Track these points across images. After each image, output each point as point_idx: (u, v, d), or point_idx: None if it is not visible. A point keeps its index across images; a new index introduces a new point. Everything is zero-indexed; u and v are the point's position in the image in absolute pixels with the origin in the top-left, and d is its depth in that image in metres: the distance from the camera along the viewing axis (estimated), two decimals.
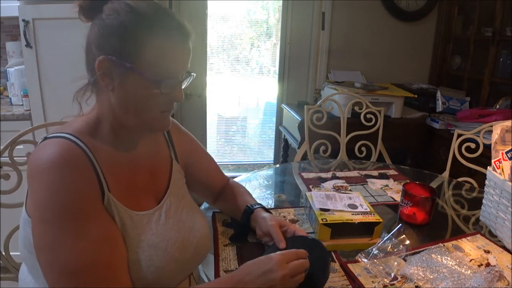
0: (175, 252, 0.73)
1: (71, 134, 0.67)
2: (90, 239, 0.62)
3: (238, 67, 3.18)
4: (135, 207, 0.72)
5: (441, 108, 2.45)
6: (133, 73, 0.66)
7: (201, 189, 1.03)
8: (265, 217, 0.91)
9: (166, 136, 0.90)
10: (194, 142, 1.00)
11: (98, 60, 0.66)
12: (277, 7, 2.84)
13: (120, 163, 0.74)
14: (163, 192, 0.82)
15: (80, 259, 0.61)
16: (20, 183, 1.09)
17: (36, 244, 0.62)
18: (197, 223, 0.83)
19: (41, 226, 0.61)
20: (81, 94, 0.72)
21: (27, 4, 1.72)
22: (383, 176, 1.44)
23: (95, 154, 0.68)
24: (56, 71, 1.77)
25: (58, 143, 0.65)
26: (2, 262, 1.06)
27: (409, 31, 2.74)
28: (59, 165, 0.62)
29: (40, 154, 0.64)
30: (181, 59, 0.70)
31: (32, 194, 0.64)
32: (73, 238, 0.61)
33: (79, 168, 0.64)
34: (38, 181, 0.62)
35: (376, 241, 0.91)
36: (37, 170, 0.63)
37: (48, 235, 0.61)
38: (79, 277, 0.60)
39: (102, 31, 0.66)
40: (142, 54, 0.65)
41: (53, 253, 0.60)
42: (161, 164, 0.86)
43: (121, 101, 0.69)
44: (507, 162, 1.01)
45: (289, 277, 0.68)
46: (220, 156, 3.34)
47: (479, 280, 0.78)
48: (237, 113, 3.55)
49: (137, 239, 0.70)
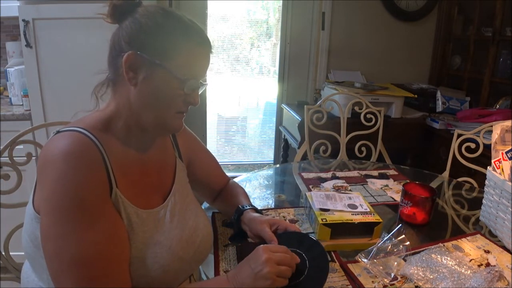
0: (179, 251, 0.74)
1: (83, 128, 0.69)
2: (100, 232, 0.63)
3: (238, 67, 3.18)
4: (142, 205, 0.73)
5: (441, 108, 2.45)
6: (161, 70, 0.69)
7: (201, 188, 1.03)
8: (254, 218, 0.89)
9: (170, 134, 0.91)
10: (196, 141, 1.01)
11: (128, 54, 0.68)
12: (277, 7, 2.84)
13: (129, 160, 0.75)
14: (168, 190, 0.83)
15: (89, 250, 0.61)
16: (20, 183, 1.09)
17: (44, 233, 0.63)
18: (200, 222, 0.84)
19: (51, 215, 0.62)
20: (99, 89, 0.75)
21: (27, 4, 1.72)
22: (383, 176, 1.44)
23: (106, 149, 0.69)
24: (56, 71, 1.77)
25: (71, 136, 0.67)
26: (2, 262, 1.06)
27: (409, 31, 2.74)
28: (71, 156, 0.63)
29: (52, 146, 0.65)
30: (204, 66, 0.75)
31: (42, 184, 0.64)
32: (84, 229, 0.62)
33: (91, 161, 0.66)
34: (50, 171, 0.63)
35: (376, 241, 0.91)
36: (49, 160, 0.64)
37: (57, 223, 0.61)
38: (87, 268, 0.61)
39: (136, 28, 0.70)
40: (173, 54, 0.69)
41: (62, 241, 0.61)
42: (167, 162, 0.87)
43: (142, 97, 0.71)
44: (507, 162, 1.01)
45: (273, 262, 0.69)
46: (220, 156, 3.34)
47: (479, 280, 0.78)
48: (237, 113, 3.55)
49: (143, 236, 0.70)
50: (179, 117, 0.76)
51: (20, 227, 1.07)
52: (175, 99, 0.72)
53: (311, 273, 0.74)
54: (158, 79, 0.70)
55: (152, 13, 0.71)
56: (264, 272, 0.67)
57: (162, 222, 0.76)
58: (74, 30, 1.75)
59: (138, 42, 0.69)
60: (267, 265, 0.67)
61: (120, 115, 0.73)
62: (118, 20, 0.72)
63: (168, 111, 0.73)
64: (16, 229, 1.08)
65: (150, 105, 0.71)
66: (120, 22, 0.72)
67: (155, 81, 0.70)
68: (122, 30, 0.71)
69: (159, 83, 0.70)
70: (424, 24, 2.75)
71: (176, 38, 0.70)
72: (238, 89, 3.35)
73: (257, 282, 0.67)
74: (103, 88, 0.75)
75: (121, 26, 0.72)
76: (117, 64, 0.71)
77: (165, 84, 0.70)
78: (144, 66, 0.69)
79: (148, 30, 0.69)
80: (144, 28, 0.69)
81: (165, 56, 0.69)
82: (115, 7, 0.71)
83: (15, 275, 1.06)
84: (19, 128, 1.14)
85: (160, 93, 0.71)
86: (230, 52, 3.08)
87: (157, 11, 0.71)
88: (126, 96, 0.72)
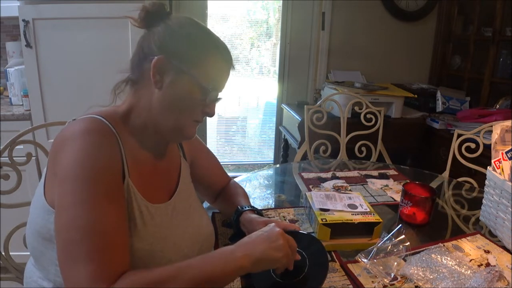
0: (184, 247, 0.76)
1: (101, 116, 0.71)
2: (112, 208, 0.63)
3: (238, 67, 3.18)
4: (150, 199, 0.74)
5: (441, 108, 2.45)
6: (187, 77, 0.72)
7: (203, 187, 1.03)
8: (252, 219, 0.88)
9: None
10: (198, 140, 1.02)
11: (158, 58, 0.71)
12: (277, 7, 2.84)
13: (141, 156, 0.77)
14: (173, 189, 0.84)
15: (103, 220, 0.61)
16: (20, 183, 1.09)
17: (60, 202, 0.63)
18: (203, 221, 0.86)
19: (68, 183, 0.62)
20: (118, 86, 0.78)
21: (27, 4, 1.72)
22: (383, 176, 1.44)
23: (122, 138, 0.72)
24: (56, 71, 1.77)
25: (89, 119, 0.69)
26: (2, 262, 1.06)
27: (409, 31, 2.74)
28: (90, 133, 0.66)
29: (71, 128, 0.68)
30: (225, 79, 0.79)
31: (59, 160, 0.65)
32: (99, 199, 0.62)
33: (109, 141, 0.68)
34: (69, 147, 0.65)
35: (376, 241, 0.91)
36: (69, 138, 0.66)
37: (75, 192, 0.62)
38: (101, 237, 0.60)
39: (169, 34, 0.73)
40: (200, 64, 0.73)
41: (80, 208, 0.61)
42: (173, 161, 0.88)
43: (165, 100, 0.73)
44: (507, 162, 1.01)
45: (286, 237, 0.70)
46: (220, 156, 3.34)
47: (479, 280, 0.78)
48: (237, 113, 3.55)
49: (153, 230, 0.72)
50: (195, 125, 0.78)
51: (20, 227, 1.07)
52: (196, 107, 0.75)
53: (311, 271, 0.75)
54: (183, 85, 0.72)
55: (184, 23, 0.75)
56: (278, 244, 0.68)
57: (167, 218, 0.77)
58: (74, 30, 1.75)
59: (169, 48, 0.72)
60: (281, 238, 0.69)
61: (139, 115, 0.75)
62: (148, 25, 0.75)
63: (187, 117, 0.75)
64: (16, 229, 1.08)
65: (171, 110, 0.73)
66: (149, 27, 0.75)
67: (180, 87, 0.72)
68: (153, 35, 0.74)
69: (183, 89, 0.72)
70: (424, 24, 2.75)
71: (205, 49, 0.73)
72: (238, 89, 3.35)
73: (270, 252, 0.67)
74: (121, 86, 0.78)
75: (152, 30, 0.75)
76: (143, 66, 0.73)
77: (189, 91, 0.73)
78: (171, 71, 0.72)
79: (179, 38, 0.73)
80: (176, 36, 0.73)
81: (193, 65, 0.72)
82: (148, 13, 0.74)
83: (15, 275, 1.06)
84: (19, 128, 1.14)
85: (182, 99, 0.73)
86: None
87: (189, 21, 0.75)
88: (148, 97, 0.74)
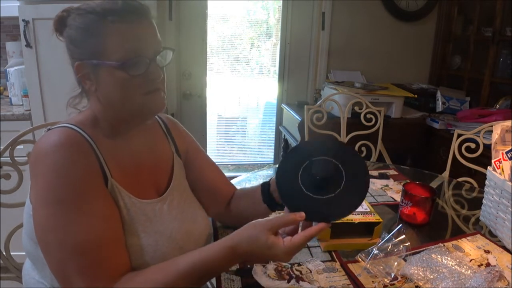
0: (179, 240, 0.76)
1: (73, 124, 0.71)
2: (96, 216, 0.64)
3: (238, 67, 3.18)
4: (138, 195, 0.75)
5: (441, 108, 2.45)
6: (103, 67, 0.69)
7: (208, 194, 0.94)
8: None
9: (165, 131, 0.91)
10: (194, 142, 0.98)
11: (75, 66, 0.71)
12: (277, 7, 2.83)
13: (120, 153, 0.77)
14: (164, 186, 0.84)
15: (89, 237, 0.62)
16: (20, 183, 1.09)
17: (42, 226, 0.63)
18: (198, 215, 0.86)
19: (49, 207, 0.63)
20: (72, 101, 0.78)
21: (27, 4, 1.72)
22: (383, 176, 1.44)
23: (96, 142, 0.71)
24: (56, 71, 1.77)
25: (61, 131, 0.69)
26: (2, 262, 1.06)
27: (409, 31, 2.74)
28: (61, 147, 0.66)
29: (44, 141, 0.67)
30: (143, 37, 0.70)
31: (36, 178, 0.65)
32: (82, 216, 0.63)
33: (81, 151, 0.68)
34: (42, 164, 0.65)
35: (376, 241, 0.91)
36: (41, 154, 0.65)
37: (56, 215, 0.62)
38: (90, 254, 0.62)
39: (69, 40, 0.72)
40: (103, 46, 0.68)
41: (63, 231, 0.61)
42: (162, 159, 0.87)
43: (106, 97, 0.72)
44: (507, 162, 1.01)
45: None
46: (220, 156, 3.34)
47: (479, 280, 0.78)
48: (237, 113, 3.55)
49: (143, 225, 0.72)
50: (152, 98, 0.72)
51: (20, 227, 1.07)
52: (129, 85, 0.69)
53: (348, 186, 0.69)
54: (105, 76, 0.70)
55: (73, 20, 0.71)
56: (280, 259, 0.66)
57: (160, 213, 0.77)
58: None
59: (76, 52, 0.71)
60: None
61: (103, 118, 0.75)
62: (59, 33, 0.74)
63: (133, 98, 0.71)
64: (17, 229, 1.08)
65: (115, 101, 0.72)
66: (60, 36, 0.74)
67: (104, 79, 0.70)
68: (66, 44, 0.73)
69: (107, 79, 0.70)
70: (424, 24, 2.75)
71: (97, 30, 0.68)
72: (238, 89, 3.35)
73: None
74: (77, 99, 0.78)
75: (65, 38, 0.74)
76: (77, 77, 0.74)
77: (111, 77, 0.69)
78: (91, 71, 0.70)
79: (75, 37, 0.70)
80: (73, 37, 0.71)
81: (99, 53, 0.68)
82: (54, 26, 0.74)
83: (15, 274, 1.06)
84: (19, 128, 1.14)
85: (113, 88, 0.70)
86: (230, 52, 3.07)
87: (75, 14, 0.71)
88: (97, 101, 0.74)
